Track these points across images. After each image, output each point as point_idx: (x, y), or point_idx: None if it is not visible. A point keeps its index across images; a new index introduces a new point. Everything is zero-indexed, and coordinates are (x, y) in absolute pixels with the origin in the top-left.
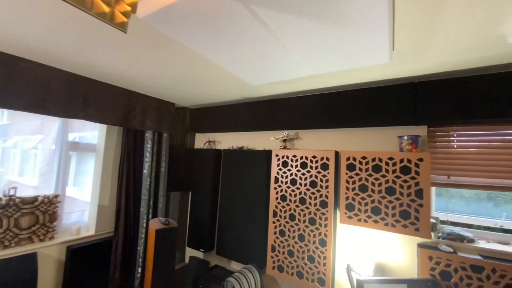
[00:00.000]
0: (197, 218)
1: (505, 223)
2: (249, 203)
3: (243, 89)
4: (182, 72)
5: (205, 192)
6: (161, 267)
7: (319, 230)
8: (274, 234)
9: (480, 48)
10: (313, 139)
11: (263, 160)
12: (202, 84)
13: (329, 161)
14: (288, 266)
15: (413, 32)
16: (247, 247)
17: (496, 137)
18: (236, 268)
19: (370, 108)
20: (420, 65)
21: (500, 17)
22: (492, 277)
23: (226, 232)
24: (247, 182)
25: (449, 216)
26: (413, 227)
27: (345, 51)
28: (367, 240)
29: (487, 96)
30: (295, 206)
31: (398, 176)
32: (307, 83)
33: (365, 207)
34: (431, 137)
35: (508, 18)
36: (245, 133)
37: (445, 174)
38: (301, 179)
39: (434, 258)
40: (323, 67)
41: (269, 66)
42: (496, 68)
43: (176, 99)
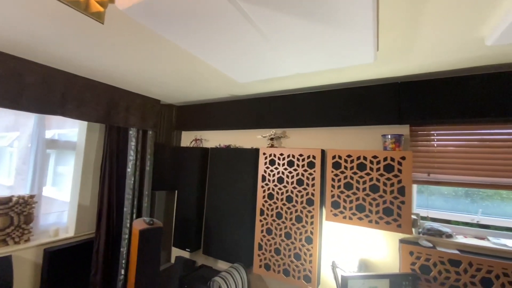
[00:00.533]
0: (184, 217)
1: (481, 219)
2: (236, 201)
3: (230, 86)
4: (167, 68)
5: (192, 191)
6: (145, 268)
7: (305, 227)
8: (261, 233)
9: (460, 50)
10: (300, 137)
11: (250, 159)
12: (189, 81)
13: (315, 159)
14: (274, 264)
15: (396, 33)
16: (234, 246)
17: (473, 137)
18: (223, 267)
19: (355, 107)
20: (403, 65)
21: (477, 21)
22: (469, 270)
23: (213, 231)
24: (234, 180)
25: (429, 212)
26: (396, 223)
27: (331, 50)
28: (352, 237)
29: (466, 97)
30: (282, 204)
31: (381, 174)
32: (294, 81)
33: (350, 204)
34: (413, 136)
35: (484, 22)
36: (232, 131)
37: (425, 172)
38: (288, 177)
39: (414, 253)
40: (310, 66)
41: (256, 63)
42: (474, 70)
43: (161, 96)
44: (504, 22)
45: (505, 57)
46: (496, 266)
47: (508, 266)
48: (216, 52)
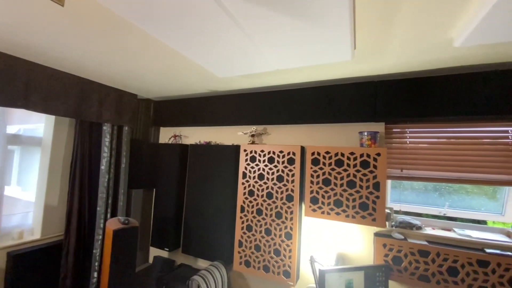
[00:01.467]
0: (162, 216)
1: (448, 212)
2: (216, 199)
3: (210, 81)
4: (144, 61)
5: (170, 189)
6: (119, 270)
7: (285, 223)
8: (241, 230)
9: (430, 51)
10: (281, 134)
11: (231, 155)
12: (166, 75)
13: (295, 156)
14: (255, 260)
15: (372, 32)
16: (214, 244)
17: (442, 134)
18: (203, 266)
19: (334, 105)
20: (379, 64)
21: (447, 23)
22: (437, 260)
23: (192, 230)
24: (214, 177)
25: (402, 206)
26: (371, 217)
27: (310, 46)
28: (330, 232)
29: (436, 97)
30: (262, 200)
31: (358, 170)
32: (275, 78)
33: (328, 200)
34: (388, 134)
35: (453, 24)
36: (213, 127)
37: (399, 168)
38: (268, 174)
39: (387, 245)
40: (289, 62)
41: (235, 57)
42: (444, 71)
43: (138, 90)
44: (471, 24)
45: (472, 58)
46: (462, 256)
47: (472, 256)
48: (194, 45)
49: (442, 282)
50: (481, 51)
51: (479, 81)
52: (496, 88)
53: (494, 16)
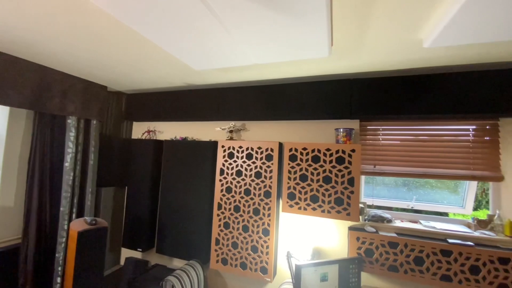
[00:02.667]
0: (135, 215)
1: (415, 205)
2: (193, 196)
3: (186, 74)
4: (113, 49)
5: (144, 186)
6: (85, 274)
7: (263, 220)
8: (219, 227)
9: (402, 51)
10: (259, 130)
11: (208, 152)
12: (139, 66)
13: (273, 152)
14: (232, 258)
15: (348, 30)
16: (190, 242)
17: (410, 132)
18: (178, 265)
19: (311, 102)
20: (355, 62)
21: (417, 24)
22: (405, 251)
23: (167, 229)
24: (191, 174)
25: (375, 201)
26: (345, 212)
27: (288, 41)
28: (306, 227)
29: (406, 96)
30: (240, 197)
31: (334, 166)
32: (253, 73)
33: (304, 195)
34: (363, 131)
35: (423, 25)
36: (189, 123)
37: (372, 164)
38: (246, 170)
39: (360, 238)
40: (268, 56)
41: (212, 50)
42: (414, 71)
43: (108, 82)
44: (439, 26)
45: (439, 59)
46: (427, 246)
47: (436, 246)
48: (167, 34)
49: (409, 271)
50: (448, 52)
51: (444, 82)
52: (457, 89)
53: (460, 20)
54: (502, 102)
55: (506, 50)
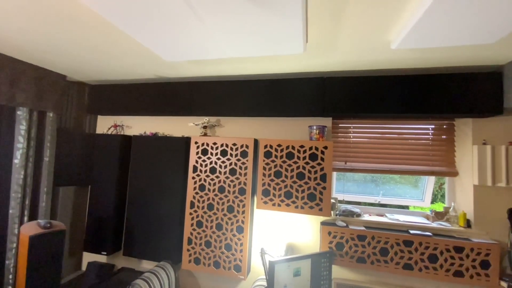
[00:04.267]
0: (99, 216)
1: (382, 199)
2: (164, 195)
3: (157, 65)
4: (74, 34)
5: (110, 185)
6: (39, 283)
7: (237, 217)
8: (191, 226)
9: (373, 51)
10: (235, 126)
11: (181, 148)
12: (105, 54)
13: (248, 148)
14: (205, 257)
15: (323, 28)
16: (161, 243)
17: (378, 130)
18: (148, 268)
19: (286, 99)
20: (329, 61)
21: (386, 26)
22: (372, 243)
23: (136, 230)
24: (162, 172)
25: (345, 196)
26: (318, 207)
27: (264, 35)
28: (280, 223)
29: (374, 95)
30: (214, 195)
31: (307, 162)
32: (229, 67)
33: (279, 192)
34: (335, 128)
35: (391, 27)
36: (160, 117)
37: (343, 161)
38: (220, 167)
39: (332, 232)
40: (243, 50)
41: (183, 39)
42: (383, 72)
43: (68, 70)
44: (405, 29)
45: (406, 61)
46: (391, 237)
47: (399, 237)
48: (135, 21)
49: (375, 262)
50: (413, 55)
51: (408, 83)
52: (419, 90)
53: (423, 24)
54: (458, 104)
55: (464, 55)
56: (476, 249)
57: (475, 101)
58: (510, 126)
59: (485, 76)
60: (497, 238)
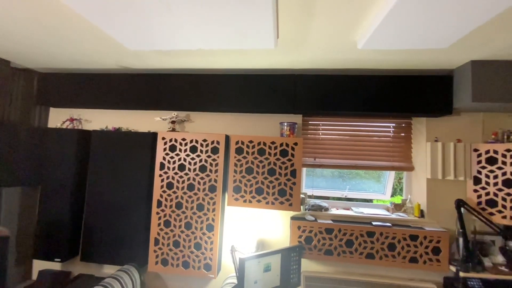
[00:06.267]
0: (51, 219)
1: (348, 194)
2: (128, 194)
3: (120, 54)
4: (19, 12)
5: (64, 185)
6: None
7: (207, 215)
8: (158, 226)
9: (341, 50)
10: (205, 122)
11: (147, 144)
12: (58, 38)
13: (219, 145)
14: (173, 258)
15: (294, 24)
16: (125, 245)
17: (345, 127)
18: (109, 273)
19: (257, 95)
20: (299, 58)
21: (353, 26)
22: (338, 235)
23: (96, 232)
24: (125, 170)
25: (314, 191)
26: (288, 203)
27: (234, 27)
28: (251, 220)
29: (341, 93)
30: (183, 193)
31: (278, 159)
32: (199, 60)
33: (250, 188)
34: (305, 125)
35: (358, 27)
36: (124, 111)
37: (312, 157)
38: (190, 164)
39: (301, 227)
40: (213, 42)
41: (150, 28)
42: (350, 71)
43: (12, 55)
44: (370, 30)
45: (371, 62)
46: (356, 229)
47: (363, 229)
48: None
49: (341, 254)
50: (377, 56)
51: (371, 83)
52: (381, 90)
53: (386, 27)
54: (414, 104)
55: (421, 58)
56: (429, 237)
57: (429, 102)
58: (458, 125)
59: (438, 79)
60: (446, 226)
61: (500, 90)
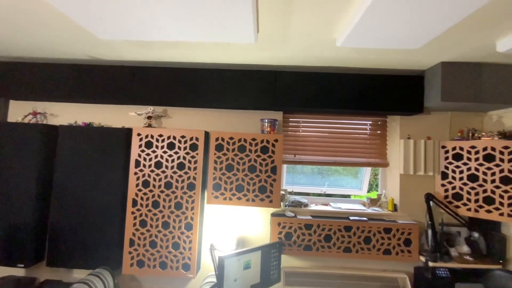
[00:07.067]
0: (12, 222)
1: (327, 190)
2: (100, 194)
3: (89, 44)
4: None
5: (27, 184)
6: None
7: (186, 214)
8: (133, 226)
9: (320, 48)
10: (183, 118)
11: (120, 141)
12: (17, 23)
13: (198, 141)
14: (149, 259)
15: (274, 21)
16: (97, 248)
17: (324, 125)
18: (79, 277)
19: (238, 91)
20: (280, 55)
21: (332, 23)
22: (317, 231)
23: (64, 235)
24: (97, 168)
25: (294, 187)
26: (268, 199)
27: (212, 19)
28: (231, 217)
29: (322, 92)
30: (160, 191)
31: (259, 155)
32: (177, 53)
33: (230, 185)
34: (285, 122)
35: (337, 25)
36: (96, 105)
37: (293, 153)
38: (167, 162)
39: (281, 223)
40: (191, 35)
41: (122, 16)
42: (330, 69)
43: None
44: (349, 26)
45: (349, 60)
46: (334, 224)
47: (341, 224)
48: None
49: (320, 249)
50: (356, 55)
51: (349, 81)
52: (359, 88)
53: (362, 26)
54: (389, 103)
55: (396, 58)
56: (401, 229)
57: (402, 101)
58: (428, 123)
59: (411, 79)
60: (417, 219)
61: (466, 90)
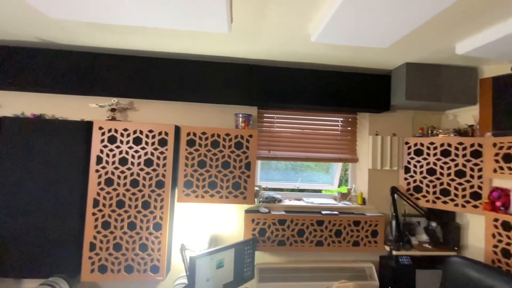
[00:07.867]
0: None
1: (300, 185)
2: (54, 194)
3: (39, 24)
4: None
5: None
6: None
7: (154, 213)
8: (95, 228)
9: (295, 42)
10: (151, 111)
11: (79, 135)
12: None
13: (168, 136)
14: (113, 263)
15: (248, 12)
16: (50, 254)
17: (298, 121)
18: (31, 287)
19: (211, 84)
20: (254, 48)
21: (307, 17)
22: (291, 226)
23: (9, 242)
24: (51, 165)
25: (269, 183)
26: (242, 196)
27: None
28: (204, 215)
29: (296, 88)
30: (125, 190)
31: (233, 151)
32: (143, 40)
33: (202, 182)
34: (260, 118)
35: (311, 19)
36: (48, 95)
37: (267, 149)
38: (133, 158)
39: (255, 220)
40: (160, 20)
41: None
42: (305, 65)
43: None
44: (323, 22)
45: (324, 57)
46: (307, 219)
47: (313, 218)
48: None
49: (293, 243)
50: (329, 51)
51: (323, 78)
52: (330, 85)
53: (335, 22)
54: (359, 100)
55: (366, 57)
56: (369, 222)
57: (371, 99)
58: (394, 121)
59: (379, 77)
60: (383, 211)
61: (427, 90)
